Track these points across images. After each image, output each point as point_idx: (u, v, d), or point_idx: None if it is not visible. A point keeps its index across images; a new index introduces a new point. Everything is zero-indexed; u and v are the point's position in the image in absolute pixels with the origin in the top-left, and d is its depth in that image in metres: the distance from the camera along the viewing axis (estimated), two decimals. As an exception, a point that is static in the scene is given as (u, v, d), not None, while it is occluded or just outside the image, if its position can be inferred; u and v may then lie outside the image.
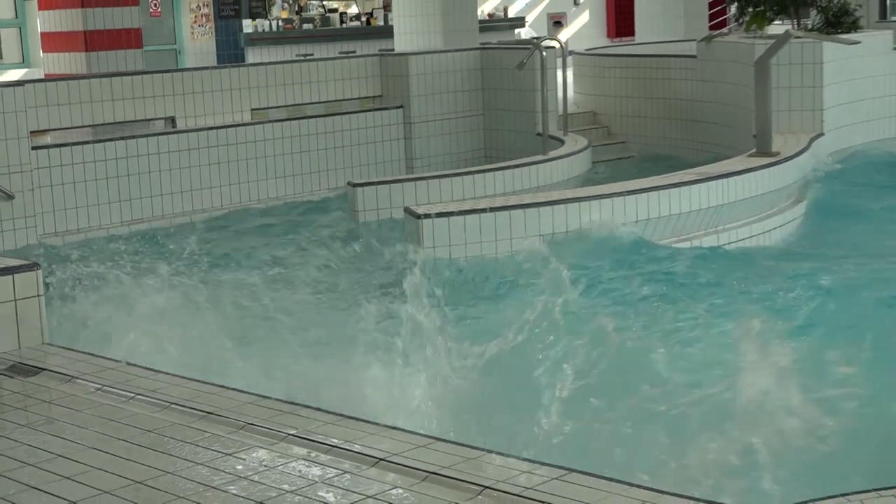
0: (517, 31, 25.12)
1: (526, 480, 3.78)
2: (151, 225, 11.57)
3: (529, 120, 13.23)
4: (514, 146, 13.29)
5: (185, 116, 12.36)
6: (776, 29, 13.14)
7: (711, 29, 20.21)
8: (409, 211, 8.58)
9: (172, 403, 4.66)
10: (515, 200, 8.87)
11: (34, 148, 11.10)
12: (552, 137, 12.41)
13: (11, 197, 10.78)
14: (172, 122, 12.34)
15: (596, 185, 10.22)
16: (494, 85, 13.83)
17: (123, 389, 4.89)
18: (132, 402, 4.75)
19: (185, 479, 3.93)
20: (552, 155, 11.61)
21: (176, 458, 4.13)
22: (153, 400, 4.73)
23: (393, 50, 16.82)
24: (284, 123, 12.85)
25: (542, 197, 9.07)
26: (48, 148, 11.25)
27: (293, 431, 4.28)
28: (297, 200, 12.58)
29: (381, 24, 23.16)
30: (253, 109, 12.86)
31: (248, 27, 22.22)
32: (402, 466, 3.93)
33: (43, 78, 13.96)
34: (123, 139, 11.69)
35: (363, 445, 4.12)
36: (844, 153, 12.13)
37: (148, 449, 4.22)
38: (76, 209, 11.32)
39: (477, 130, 14.02)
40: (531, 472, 3.85)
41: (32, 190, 10.96)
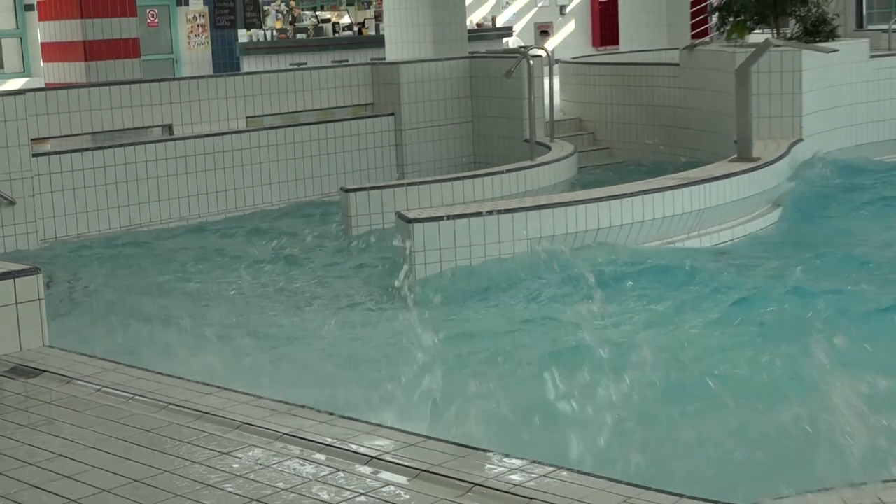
0: (505, 40, 25.14)
1: (514, 477, 3.78)
2: (149, 229, 11.57)
3: (517, 126, 13.22)
4: (502, 152, 13.29)
5: (182, 124, 12.35)
6: (756, 38, 13.14)
7: (693, 38, 20.22)
8: (400, 215, 8.57)
9: (170, 404, 4.65)
10: (504, 205, 8.87)
11: (35, 155, 11.07)
12: (539, 143, 12.41)
13: (13, 203, 10.77)
14: (170, 129, 12.32)
15: (582, 189, 10.22)
16: (483, 93, 13.83)
17: (122, 390, 4.88)
18: (131, 402, 4.74)
19: (182, 477, 3.92)
20: (539, 161, 11.61)
21: (173, 457, 4.12)
22: (151, 400, 4.72)
23: (384, 59, 16.83)
24: (279, 130, 12.83)
25: (529, 202, 9.07)
26: (48, 155, 11.23)
27: (288, 431, 4.27)
28: (290, 205, 12.57)
29: (372, 34, 23.19)
30: (248, 117, 12.85)
31: (243, 37, 22.24)
32: (394, 464, 3.93)
33: (43, 87, 13.97)
34: (122, 146, 11.67)
35: (356, 444, 4.11)
36: (823, 157, 12.13)
37: (146, 448, 4.21)
38: (76, 214, 11.30)
39: (466, 137, 14.02)
40: (520, 469, 3.85)
41: (33, 196, 10.94)
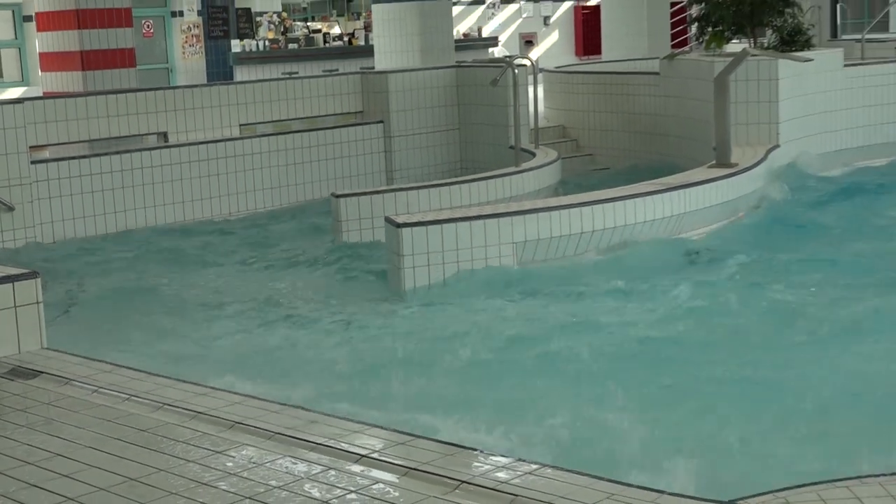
0: (491, 50, 25.19)
1: (500, 475, 3.78)
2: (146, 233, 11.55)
3: (502, 133, 13.22)
4: (488, 158, 13.29)
5: (176, 132, 12.33)
6: (734, 47, 13.16)
7: (673, 48, 20.28)
8: (389, 220, 8.57)
9: (165, 404, 4.64)
10: (490, 210, 8.87)
11: (33, 162, 11.05)
12: (524, 150, 12.40)
13: (12, 209, 10.75)
14: (165, 136, 12.31)
15: (565, 195, 10.22)
16: (469, 101, 13.83)
17: (118, 391, 4.87)
18: (127, 403, 4.73)
19: (177, 475, 3.91)
20: (524, 167, 11.61)
21: (169, 456, 4.11)
22: (147, 401, 4.71)
23: (373, 68, 16.81)
24: (271, 138, 12.82)
25: (514, 206, 9.07)
26: (47, 162, 11.21)
27: (280, 430, 4.27)
28: (282, 209, 12.56)
29: (362, 43, 23.20)
30: (241, 125, 12.84)
31: (236, 47, 22.22)
32: (384, 462, 3.93)
33: (41, 96, 13.93)
34: (118, 153, 11.65)
35: (347, 443, 4.11)
36: (798, 163, 12.15)
37: (142, 447, 4.20)
38: (73, 220, 11.27)
39: (453, 144, 14.02)
40: (506, 467, 3.85)
41: (32, 202, 10.92)
